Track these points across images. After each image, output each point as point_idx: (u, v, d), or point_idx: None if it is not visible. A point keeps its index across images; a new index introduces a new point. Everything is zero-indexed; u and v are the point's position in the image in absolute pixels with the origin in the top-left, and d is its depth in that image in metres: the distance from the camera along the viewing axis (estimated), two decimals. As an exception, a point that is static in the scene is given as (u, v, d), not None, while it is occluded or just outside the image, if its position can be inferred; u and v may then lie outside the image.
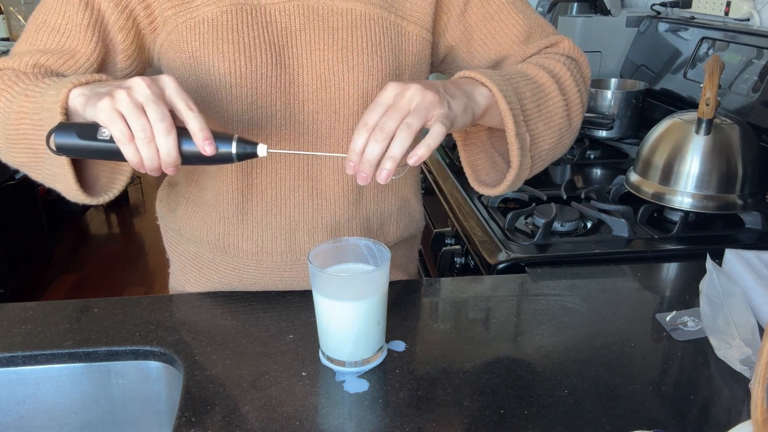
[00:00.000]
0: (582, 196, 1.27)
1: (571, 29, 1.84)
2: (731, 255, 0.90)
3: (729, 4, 1.47)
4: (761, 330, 0.77)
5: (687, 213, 1.15)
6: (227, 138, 0.64)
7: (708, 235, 1.14)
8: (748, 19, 1.45)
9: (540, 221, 1.13)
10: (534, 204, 1.24)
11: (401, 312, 0.85)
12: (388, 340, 0.78)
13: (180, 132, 0.62)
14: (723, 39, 1.43)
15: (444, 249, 1.25)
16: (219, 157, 0.64)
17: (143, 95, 0.61)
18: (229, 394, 0.69)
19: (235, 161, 0.65)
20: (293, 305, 0.86)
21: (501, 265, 1.02)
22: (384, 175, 0.64)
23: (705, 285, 0.85)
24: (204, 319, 0.84)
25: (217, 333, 0.80)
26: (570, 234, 1.14)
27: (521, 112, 0.73)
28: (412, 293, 0.91)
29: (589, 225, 1.17)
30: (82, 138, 0.63)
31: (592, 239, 1.12)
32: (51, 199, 2.93)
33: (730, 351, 0.75)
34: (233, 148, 0.64)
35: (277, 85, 0.78)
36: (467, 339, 0.79)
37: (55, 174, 0.69)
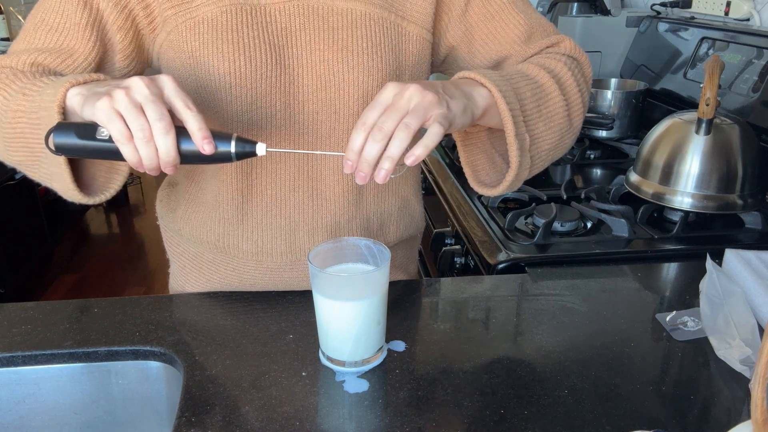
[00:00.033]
0: (582, 196, 1.27)
1: (571, 29, 1.84)
2: (731, 255, 0.90)
3: (729, 4, 1.47)
4: (761, 330, 0.77)
5: (687, 213, 1.15)
6: (226, 137, 0.64)
7: (708, 235, 1.14)
8: (748, 19, 1.45)
9: (540, 221, 1.13)
10: (534, 204, 1.24)
11: (401, 312, 0.85)
12: (388, 340, 0.78)
13: (179, 131, 0.62)
14: (723, 39, 1.43)
15: (444, 249, 1.25)
16: (218, 156, 0.64)
17: (142, 95, 0.61)
18: (229, 394, 0.69)
19: (234, 160, 0.65)
20: (293, 305, 0.86)
21: (501, 265, 1.02)
22: (382, 175, 0.64)
23: (705, 285, 0.85)
24: (204, 319, 0.84)
25: (217, 333, 0.80)
26: (570, 234, 1.14)
27: (521, 112, 0.73)
28: (412, 293, 0.91)
29: (589, 225, 1.17)
30: (81, 138, 0.63)
31: (592, 239, 1.11)
32: (51, 199, 2.93)
33: (730, 351, 0.75)
34: (232, 147, 0.64)
35: (277, 86, 0.78)
36: (467, 339, 0.79)
37: (52, 173, 0.69)
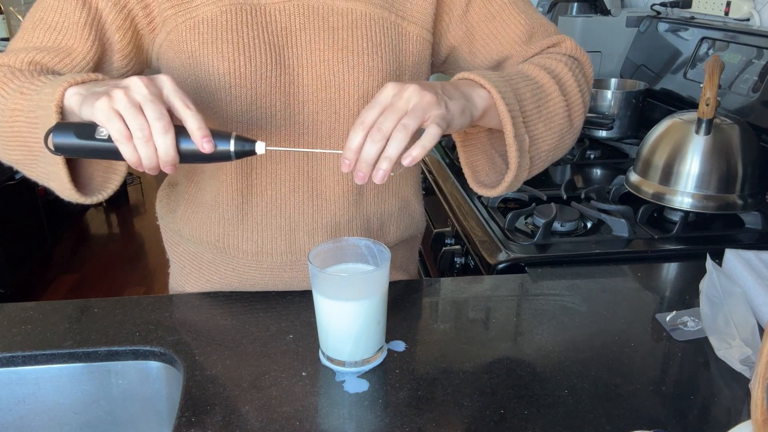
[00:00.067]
0: (582, 196, 1.27)
1: (571, 29, 1.84)
2: (731, 255, 0.90)
3: (729, 4, 1.47)
4: (761, 330, 0.77)
5: (687, 213, 1.15)
6: (225, 136, 0.64)
7: (708, 235, 1.14)
8: (748, 19, 1.45)
9: (540, 221, 1.13)
10: (534, 204, 1.24)
11: (401, 312, 0.85)
12: (388, 340, 0.78)
13: (178, 130, 0.62)
14: (723, 39, 1.43)
15: (444, 249, 1.25)
16: (217, 155, 0.64)
17: (141, 94, 0.61)
18: (229, 394, 0.69)
19: (234, 159, 0.65)
20: (293, 305, 0.86)
21: (501, 265, 1.02)
22: (380, 175, 0.64)
23: (705, 285, 0.85)
24: (204, 319, 0.84)
25: (217, 333, 0.80)
26: (570, 234, 1.14)
27: (520, 113, 0.73)
28: (412, 293, 0.91)
29: (589, 225, 1.17)
30: (80, 138, 0.63)
31: (592, 239, 1.11)
32: (51, 199, 2.93)
33: (730, 351, 0.75)
34: (231, 145, 0.64)
35: (277, 86, 0.78)
36: (467, 339, 0.79)
37: (50, 172, 0.69)
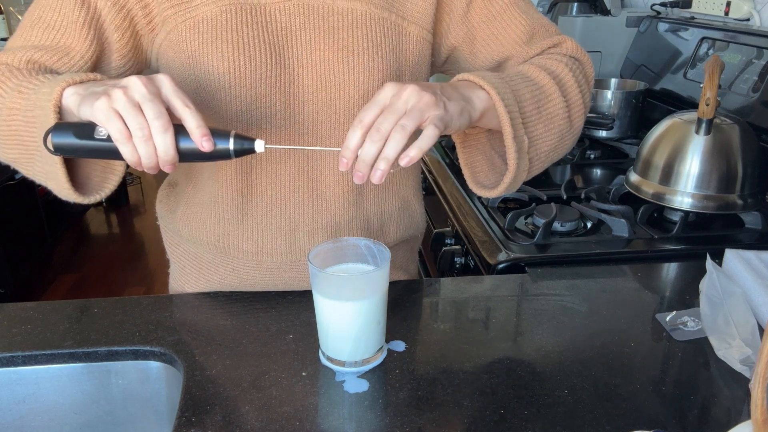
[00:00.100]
0: (582, 196, 1.27)
1: (571, 29, 1.84)
2: (731, 255, 0.90)
3: (729, 4, 1.47)
4: (761, 330, 0.77)
5: (687, 213, 1.15)
6: (224, 134, 0.64)
7: (708, 235, 1.14)
8: (748, 19, 1.45)
9: (540, 221, 1.13)
10: (534, 204, 1.24)
11: (401, 312, 0.85)
12: (388, 340, 0.78)
13: (177, 129, 0.62)
14: (723, 39, 1.43)
15: (444, 249, 1.25)
16: (216, 154, 0.64)
17: (140, 94, 0.61)
18: (229, 394, 0.69)
19: (233, 157, 0.65)
20: (293, 305, 0.86)
21: (501, 265, 1.02)
22: (378, 176, 0.64)
23: (705, 285, 0.85)
24: (204, 319, 0.84)
25: (217, 333, 0.80)
26: (570, 234, 1.14)
27: (519, 114, 0.73)
28: (412, 293, 0.91)
29: (589, 225, 1.17)
30: (79, 137, 0.63)
31: (592, 239, 1.11)
32: (51, 199, 2.93)
33: (730, 351, 0.75)
34: (231, 144, 0.64)
35: (277, 85, 0.78)
36: (467, 339, 0.79)
37: (47, 172, 0.69)
